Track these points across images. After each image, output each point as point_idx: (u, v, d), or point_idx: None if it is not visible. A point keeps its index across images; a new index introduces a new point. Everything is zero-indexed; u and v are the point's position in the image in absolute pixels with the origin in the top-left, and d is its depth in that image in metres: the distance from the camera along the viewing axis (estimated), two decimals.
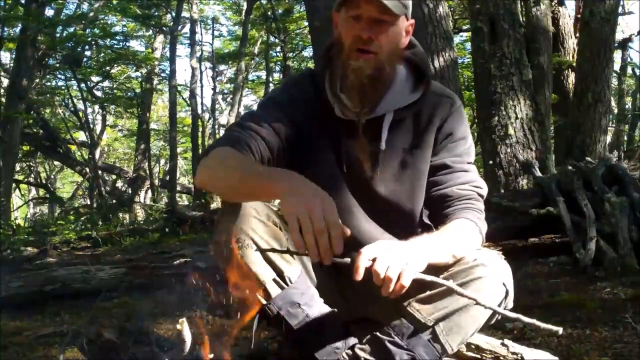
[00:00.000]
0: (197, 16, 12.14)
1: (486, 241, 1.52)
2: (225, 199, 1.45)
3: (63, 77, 12.35)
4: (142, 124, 12.78)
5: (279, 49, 14.34)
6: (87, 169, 11.81)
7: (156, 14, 12.33)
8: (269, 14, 12.83)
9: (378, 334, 1.41)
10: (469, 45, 9.39)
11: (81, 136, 13.87)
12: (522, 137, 4.74)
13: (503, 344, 1.65)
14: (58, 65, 11.40)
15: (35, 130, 11.45)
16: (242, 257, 1.37)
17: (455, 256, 1.39)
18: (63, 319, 2.87)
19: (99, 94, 13.65)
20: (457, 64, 4.66)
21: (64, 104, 13.11)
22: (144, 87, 13.02)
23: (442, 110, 1.53)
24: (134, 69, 13.32)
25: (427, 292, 1.38)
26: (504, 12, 4.86)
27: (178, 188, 12.56)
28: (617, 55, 11.24)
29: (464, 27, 10.18)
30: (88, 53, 12.25)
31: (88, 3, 12.02)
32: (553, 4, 6.29)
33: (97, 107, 14.82)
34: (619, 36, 8.60)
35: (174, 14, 11.21)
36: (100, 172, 12.21)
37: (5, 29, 10.48)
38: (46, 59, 10.80)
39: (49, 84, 12.86)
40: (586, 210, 3.19)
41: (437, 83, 1.62)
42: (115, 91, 13.83)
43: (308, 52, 14.70)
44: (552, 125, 5.97)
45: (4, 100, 9.73)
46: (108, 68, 12.48)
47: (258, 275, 1.39)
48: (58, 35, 10.95)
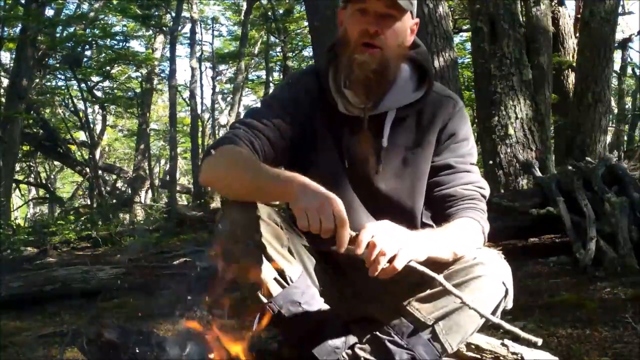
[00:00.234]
0: (197, 16, 12.11)
1: (486, 241, 1.52)
2: (231, 198, 1.45)
3: (63, 77, 12.34)
4: (142, 124, 12.78)
5: (279, 49, 14.32)
6: (87, 169, 11.80)
7: (156, 14, 12.30)
8: (269, 14, 12.82)
9: (378, 333, 1.41)
10: (469, 45, 9.38)
11: (81, 136, 13.84)
12: (522, 137, 4.74)
13: (503, 344, 1.65)
14: (58, 65, 11.39)
15: (35, 130, 11.44)
16: (243, 256, 1.37)
17: (456, 253, 1.39)
18: (63, 319, 2.86)
19: (99, 94, 13.65)
20: (457, 64, 4.66)
21: (64, 104, 13.08)
22: (144, 87, 13.00)
23: (444, 111, 1.54)
24: (134, 69, 13.32)
25: (427, 291, 1.39)
26: (504, 12, 4.85)
27: (178, 188, 12.54)
28: (617, 55, 11.24)
29: (464, 27, 10.16)
30: (88, 53, 12.26)
31: (88, 3, 12.00)
32: (553, 4, 6.28)
33: (97, 107, 14.79)
34: (619, 36, 8.58)
35: (174, 14, 11.19)
36: (100, 172, 12.20)
37: (5, 29, 10.46)
38: (46, 59, 10.78)
39: (49, 84, 12.84)
40: (586, 210, 3.19)
41: (439, 84, 1.63)
42: (116, 91, 13.84)
43: (308, 52, 14.72)
44: (552, 125, 5.96)
45: (4, 100, 9.71)
46: (108, 68, 12.47)
47: (259, 274, 1.39)
48: (58, 35, 10.94)
